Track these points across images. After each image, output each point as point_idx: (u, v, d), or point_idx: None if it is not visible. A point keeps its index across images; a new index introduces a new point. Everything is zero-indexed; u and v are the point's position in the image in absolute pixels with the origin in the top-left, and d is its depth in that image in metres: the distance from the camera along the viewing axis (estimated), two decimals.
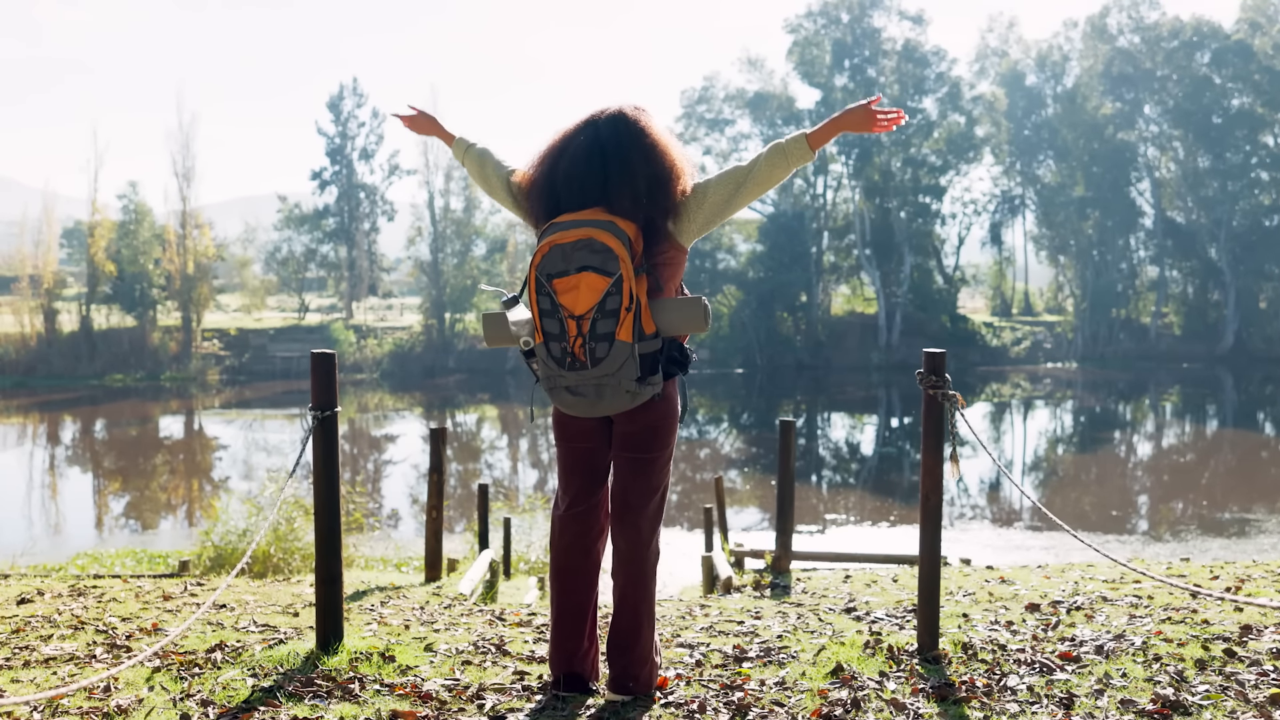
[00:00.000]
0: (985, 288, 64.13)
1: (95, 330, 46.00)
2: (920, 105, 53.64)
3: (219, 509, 12.09)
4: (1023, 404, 40.52)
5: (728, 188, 3.19)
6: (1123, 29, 55.42)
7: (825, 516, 19.92)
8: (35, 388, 41.74)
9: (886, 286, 52.28)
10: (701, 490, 22.56)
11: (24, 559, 12.99)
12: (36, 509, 21.51)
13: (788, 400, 41.96)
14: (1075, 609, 4.27)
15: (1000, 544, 17.11)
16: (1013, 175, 57.94)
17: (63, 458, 28.51)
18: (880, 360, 50.40)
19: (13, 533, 18.00)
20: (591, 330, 3.00)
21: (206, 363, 45.97)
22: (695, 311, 3.08)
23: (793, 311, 52.00)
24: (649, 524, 3.25)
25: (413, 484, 23.16)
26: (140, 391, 41.48)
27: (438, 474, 6.33)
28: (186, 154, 48.85)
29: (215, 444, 30.36)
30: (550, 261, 3.03)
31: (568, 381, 3.06)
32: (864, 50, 53.10)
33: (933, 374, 3.58)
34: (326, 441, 3.55)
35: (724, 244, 52.83)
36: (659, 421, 3.20)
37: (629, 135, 3.18)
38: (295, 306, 56.74)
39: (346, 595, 5.13)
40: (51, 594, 4.97)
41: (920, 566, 3.55)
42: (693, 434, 32.47)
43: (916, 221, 53.50)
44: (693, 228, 3.22)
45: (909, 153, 52.90)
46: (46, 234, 47.69)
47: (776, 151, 3.16)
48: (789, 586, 5.41)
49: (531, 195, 3.27)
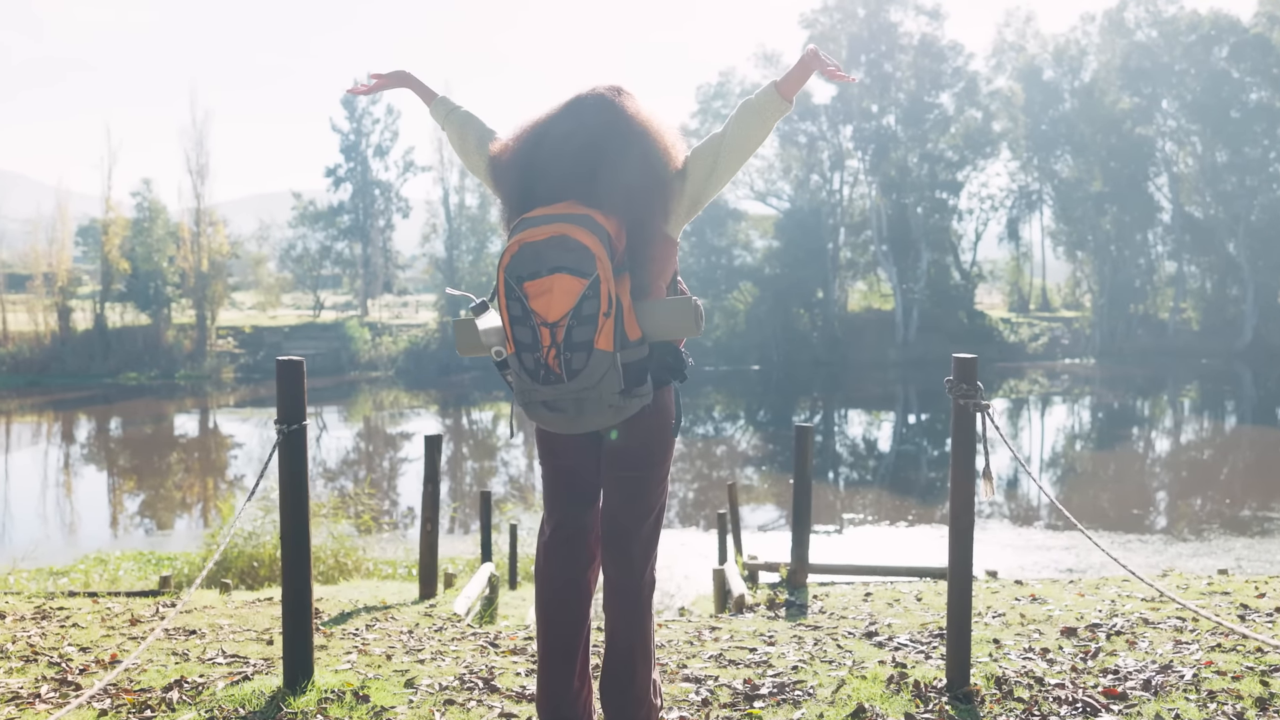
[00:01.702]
0: (1002, 283, 63.61)
1: (109, 328, 45.91)
2: (937, 100, 53.18)
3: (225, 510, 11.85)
4: (1040, 400, 40.08)
5: (706, 161, 2.87)
6: (1140, 23, 54.81)
7: (843, 516, 19.61)
8: (49, 386, 41.70)
9: (903, 282, 51.87)
10: (719, 488, 22.28)
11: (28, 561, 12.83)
12: (51, 508, 21.40)
13: (804, 397, 41.62)
14: (1115, 633, 3.96)
15: (1021, 544, 16.76)
16: (1030, 170, 57.39)
17: (77, 456, 28.42)
18: (897, 357, 50.01)
19: (27, 531, 17.91)
20: (566, 338, 2.65)
21: (221, 361, 45.85)
22: (685, 314, 2.75)
23: (809, 308, 51.65)
24: (642, 550, 2.93)
25: None
26: (154, 390, 41.40)
27: (433, 485, 5.98)
28: (200, 151, 48.76)
29: (230, 442, 30.23)
30: (520, 262, 2.69)
31: (543, 396, 2.72)
32: (880, 45, 52.62)
33: (963, 382, 3.22)
34: (293, 459, 3.19)
35: (740, 240, 52.53)
36: (652, 436, 2.88)
37: (615, 121, 2.85)
38: (310, 304, 56.60)
39: (331, 617, 4.86)
40: (14, 616, 4.69)
41: (950, 595, 3.23)
42: (709, 431, 32.20)
43: (933, 217, 53.07)
44: (680, 216, 2.89)
45: (926, 148, 52.47)
46: (60, 231, 47.66)
47: (746, 109, 2.85)
48: (805, 605, 5.07)
49: (503, 186, 2.95)
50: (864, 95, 52.15)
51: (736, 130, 2.84)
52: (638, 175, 2.79)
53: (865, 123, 52.85)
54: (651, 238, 2.81)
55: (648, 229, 2.80)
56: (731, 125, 2.85)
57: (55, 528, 19.30)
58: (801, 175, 53.78)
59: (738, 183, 53.83)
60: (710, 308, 50.73)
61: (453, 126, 3.23)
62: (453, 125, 3.23)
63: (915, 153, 52.50)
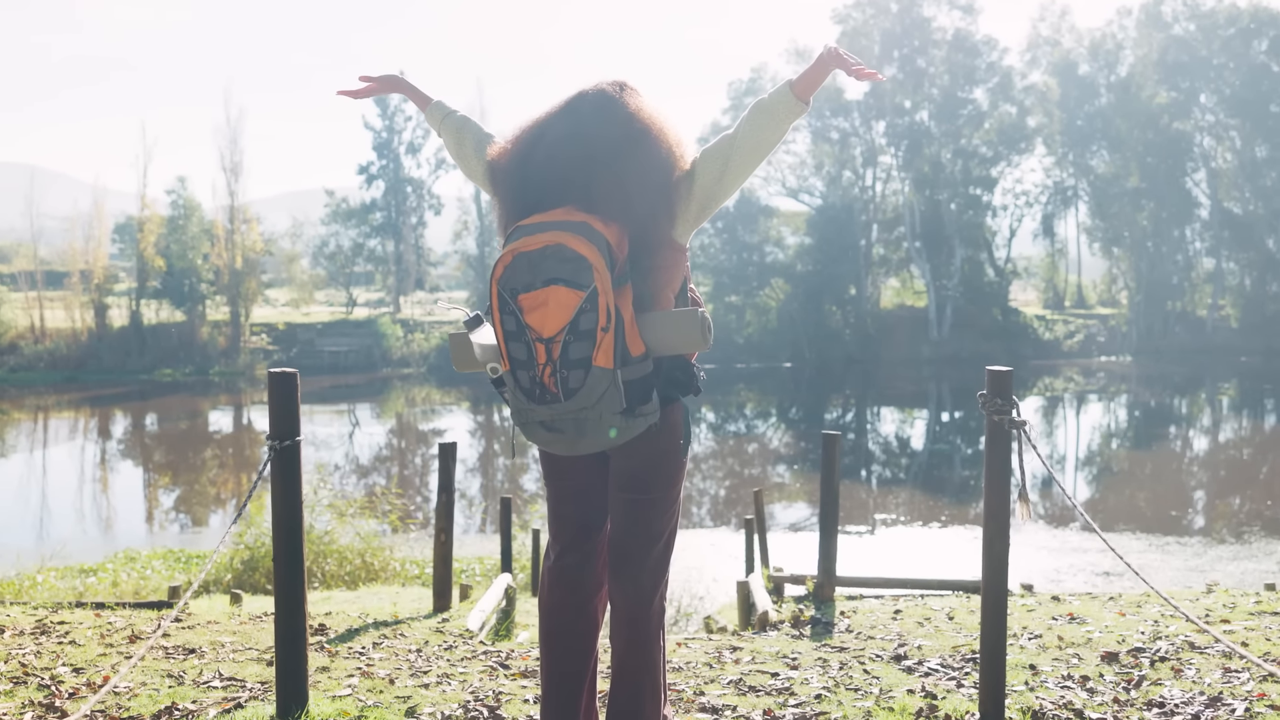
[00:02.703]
0: (1037, 280, 62.94)
1: (145, 325, 46.31)
2: (971, 96, 52.67)
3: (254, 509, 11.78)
4: (1076, 398, 39.60)
5: (715, 164, 2.67)
6: (1178, 16, 54.01)
7: (875, 516, 19.38)
8: (86, 382, 42.09)
9: (937, 279, 51.42)
10: (750, 486, 22.09)
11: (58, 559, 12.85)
12: (87, 503, 21.56)
13: (836, 395, 41.33)
14: (1159, 659, 3.74)
15: (1055, 545, 16.47)
16: (1065, 166, 56.72)
17: (113, 452, 28.65)
18: (930, 354, 49.60)
19: (62, 527, 18.03)
20: (563, 355, 2.47)
21: (255, 357, 46.12)
22: (691, 327, 2.57)
23: (841, 305, 51.33)
24: (651, 577, 2.73)
25: (460, 479, 22.86)
26: (189, 386, 41.70)
27: (447, 494, 5.78)
28: (234, 149, 49.06)
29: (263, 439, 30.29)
30: (514, 273, 2.50)
31: (540, 416, 2.54)
32: (913, 40, 52.15)
33: (997, 396, 3.00)
34: (286, 476, 2.96)
35: (771, 237, 52.27)
36: (661, 456, 2.69)
37: (616, 120, 2.66)
38: (343, 301, 56.83)
39: (339, 634, 4.71)
40: (13, 631, 4.57)
41: (984, 624, 3.04)
42: (741, 429, 32.03)
43: (967, 213, 52.58)
44: (688, 220, 2.69)
45: (959, 144, 51.97)
46: (97, 229, 48.09)
47: (759, 110, 2.66)
48: (832, 623, 4.87)
49: (500, 192, 2.76)
50: (897, 91, 51.70)
51: (748, 131, 2.66)
52: (639, 178, 2.61)
53: (898, 118, 52.42)
54: (656, 245, 2.63)
55: (651, 235, 2.61)
56: (743, 126, 2.67)
57: (91, 523, 19.44)
58: (834, 171, 53.44)
59: (769, 179, 53.58)
60: (741, 304, 50.53)
61: (449, 131, 3.06)
62: (449, 130, 3.06)
63: (949, 148, 52.03)
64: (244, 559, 10.54)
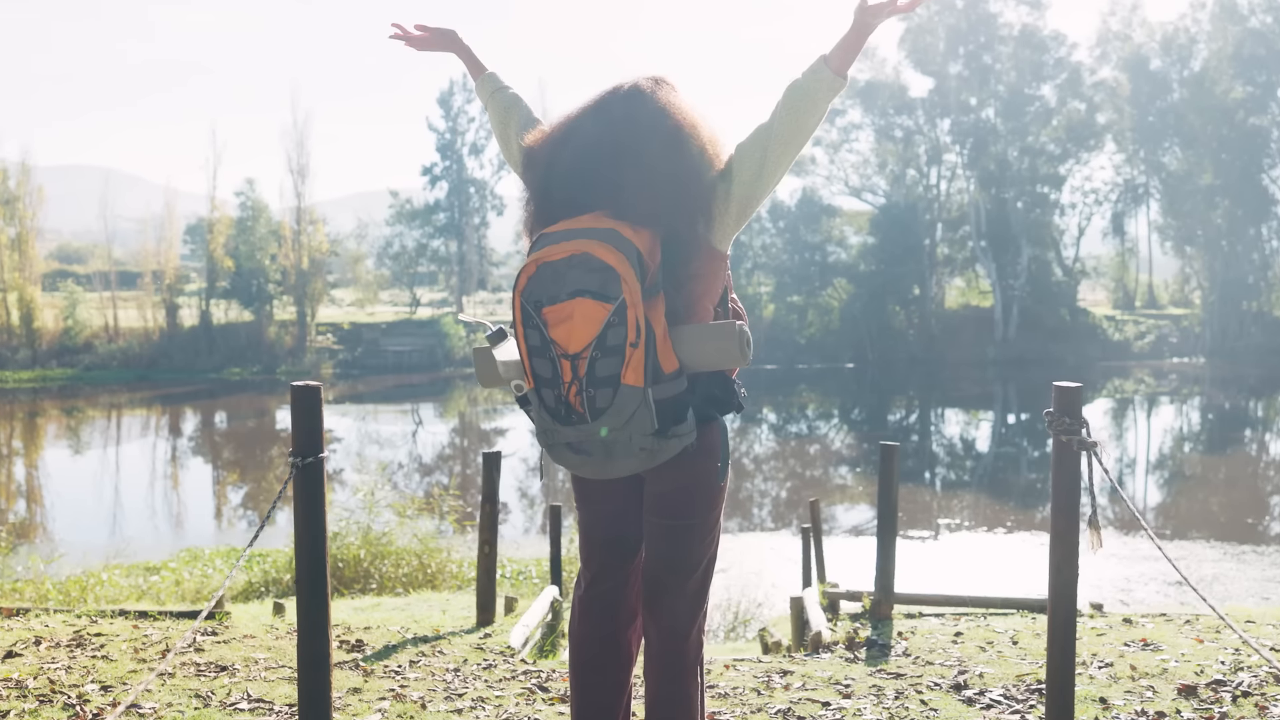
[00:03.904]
0: (1107, 280, 61.73)
1: (214, 325, 47.16)
2: (1038, 92, 51.73)
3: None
4: (1146, 400, 38.73)
5: (753, 160, 2.46)
6: (1254, 9, 52.48)
7: (938, 521, 19.08)
8: (157, 380, 42.95)
9: (1003, 279, 50.63)
10: (812, 488, 21.88)
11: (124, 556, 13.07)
12: (158, 500, 21.95)
13: (900, 396, 40.87)
14: (1242, 694, 3.55)
15: (1127, 553, 16.05)
16: (1136, 163, 55.51)
17: (183, 449, 29.18)
18: (996, 355, 48.85)
19: (133, 524, 18.37)
20: (589, 372, 2.30)
21: (320, 356, 46.73)
22: (728, 342, 2.37)
23: (905, 305, 50.78)
24: (688, 609, 2.56)
25: (521, 478, 22.92)
26: (256, 385, 42.36)
27: (490, 505, 5.61)
28: (301, 151, 49.75)
29: (329, 437, 30.70)
30: (538, 284, 2.34)
31: (566, 437, 2.37)
32: (979, 36, 51.37)
33: (1065, 415, 2.80)
34: (309, 496, 2.78)
35: (834, 236, 51.84)
36: (698, 479, 2.50)
37: (647, 117, 2.47)
38: (407, 301, 57.41)
39: (375, 650, 4.65)
40: (49, 643, 4.57)
41: (1050, 657, 2.90)
42: (802, 430, 31.79)
43: (1034, 212, 51.70)
44: (727, 223, 2.49)
45: (1026, 141, 51.09)
46: (169, 230, 49.10)
47: (794, 92, 2.44)
48: (888, 646, 4.70)
49: (527, 188, 2.61)
50: (962, 88, 50.99)
51: (785, 118, 2.44)
52: (672, 179, 2.43)
53: (963, 116, 51.69)
54: (692, 252, 2.45)
55: (687, 241, 2.44)
56: (779, 113, 2.45)
57: (161, 519, 19.78)
58: (898, 170, 52.87)
59: (832, 178, 53.13)
60: (803, 304, 50.19)
61: (497, 107, 2.88)
62: (497, 106, 2.88)
63: (1015, 146, 51.18)
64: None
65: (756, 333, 48.82)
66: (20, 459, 27.33)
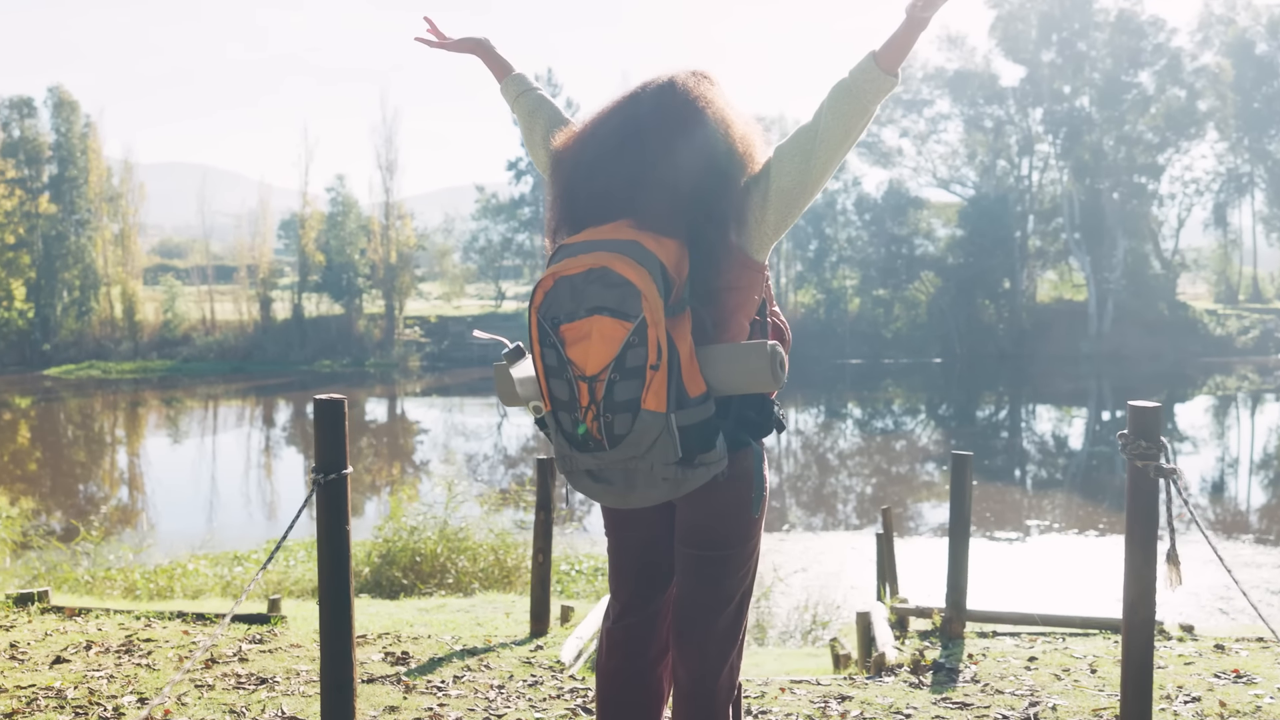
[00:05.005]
0: (1208, 272, 59.86)
1: (306, 318, 48.20)
2: (1136, 79, 50.22)
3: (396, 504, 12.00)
4: (1250, 398, 37.42)
5: (794, 163, 2.25)
6: None
7: (1026, 522, 18.66)
8: (251, 372, 44.04)
9: (1097, 272, 49.35)
10: (898, 484, 21.59)
11: (212, 546, 13.37)
12: (252, 489, 22.48)
13: (988, 391, 40.09)
14: None
15: (1227, 559, 15.51)
16: (1240, 152, 53.62)
17: (277, 440, 29.85)
18: (1090, 350, 47.61)
19: (228, 513, 18.83)
20: (607, 396, 2.11)
21: (408, 349, 47.46)
22: (757, 363, 2.17)
23: (994, 299, 49.78)
24: (718, 646, 2.36)
25: None
26: (346, 377, 43.17)
27: (545, 512, 5.41)
28: (390, 147, 50.49)
29: (416, 428, 31.22)
30: (555, 300, 2.17)
31: (585, 464, 2.20)
32: (1073, 23, 50.06)
33: (1141, 438, 2.53)
34: (333, 513, 2.65)
35: (921, 229, 51.02)
36: (730, 508, 2.30)
37: (675, 115, 2.27)
38: (493, 294, 58.00)
39: (421, 664, 4.55)
40: (100, 648, 4.60)
41: (1124, 706, 2.71)
42: (888, 425, 31.36)
43: (1131, 203, 50.25)
44: (764, 231, 2.28)
45: (1123, 130, 49.67)
46: (263, 226, 50.33)
47: (840, 92, 2.22)
48: (956, 670, 4.43)
49: (551, 193, 2.42)
50: (1055, 76, 49.74)
51: (831, 120, 2.23)
52: (700, 182, 2.24)
53: (1056, 105, 50.44)
54: (724, 262, 2.25)
55: (717, 250, 2.23)
56: (824, 113, 2.24)
57: (256, 508, 20.24)
58: (988, 161, 51.83)
59: (920, 170, 52.29)
60: (889, 298, 49.54)
61: (521, 111, 2.69)
62: (522, 110, 2.69)
63: (1111, 135, 49.79)
64: (381, 553, 10.73)
65: (841, 327, 48.37)
66: (123, 447, 28.26)
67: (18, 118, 46.25)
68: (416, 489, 19.31)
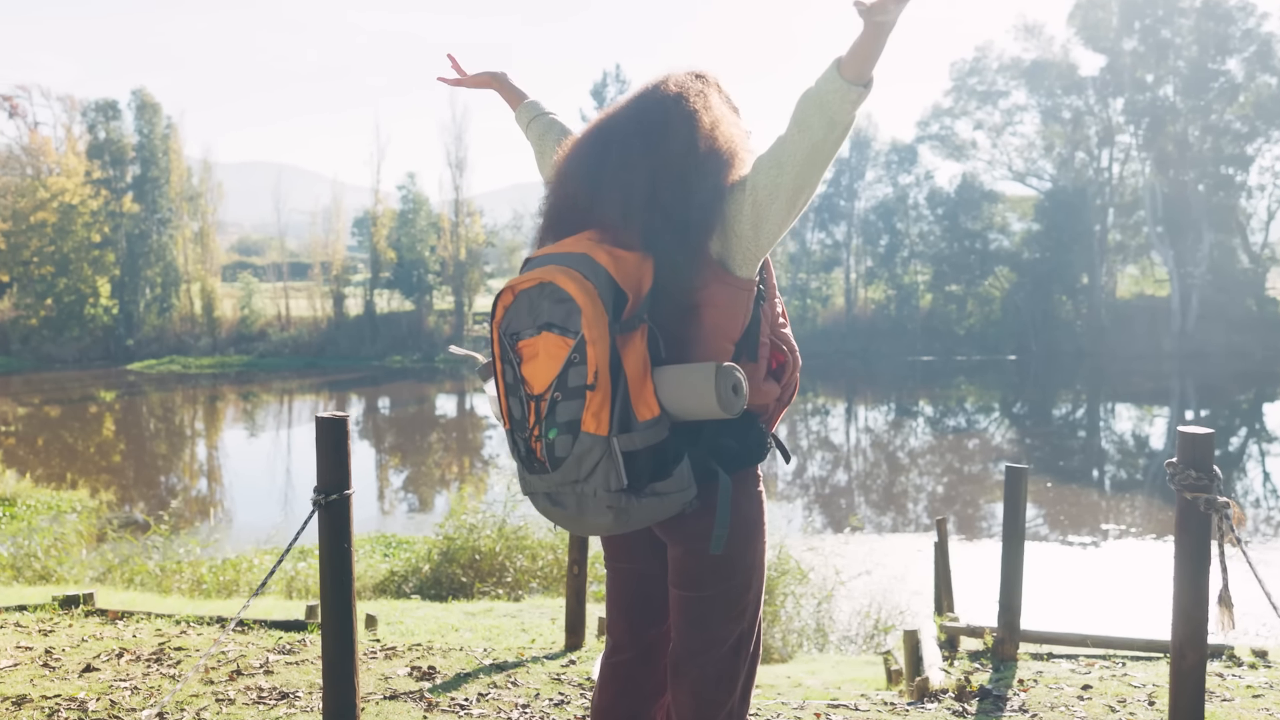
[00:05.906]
0: None
1: (377, 314, 48.80)
2: (1223, 67, 48.57)
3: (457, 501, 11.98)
4: None
5: (770, 173, 2.07)
6: None
7: (1103, 526, 18.13)
8: (325, 367, 44.71)
9: (1181, 267, 47.91)
10: (969, 484, 21.12)
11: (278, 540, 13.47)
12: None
13: (1065, 390, 39.17)
14: None
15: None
16: None
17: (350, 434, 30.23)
18: (1173, 348, 46.27)
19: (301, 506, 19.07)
20: (549, 416, 2.00)
21: (477, 345, 47.75)
22: (702, 386, 1.99)
23: (1072, 294, 48.61)
24: (712, 692, 2.19)
25: None
26: (416, 372, 43.61)
27: None
28: (459, 145, 50.86)
29: (484, 424, 31.39)
30: (515, 315, 2.06)
31: (541, 486, 2.07)
32: (1157, 10, 48.61)
33: (1191, 468, 2.27)
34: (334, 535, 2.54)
35: (995, 223, 49.99)
36: (700, 544, 2.14)
37: (645, 118, 2.14)
38: None
39: (447, 679, 4.43)
40: (131, 656, 4.55)
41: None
42: (960, 424, 30.78)
43: (1217, 195, 48.67)
44: (742, 243, 2.10)
45: (1209, 120, 48.12)
46: (336, 223, 51.07)
47: (804, 101, 2.04)
48: (1004, 698, 4.12)
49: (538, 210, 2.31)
50: (1137, 65, 48.37)
51: (796, 132, 2.05)
52: (655, 184, 2.09)
53: (1138, 94, 49.06)
54: (695, 277, 2.09)
55: (686, 262, 2.08)
56: (790, 125, 2.08)
57: None
58: (1065, 153, 50.60)
59: (994, 163, 51.22)
60: (963, 294, 48.68)
61: (533, 136, 2.62)
62: (534, 135, 2.62)
63: (1196, 125, 48.27)
64: (441, 550, 10.69)
65: (912, 323, 47.64)
66: (201, 440, 28.86)
67: (103, 120, 47.44)
68: (485, 483, 19.36)
